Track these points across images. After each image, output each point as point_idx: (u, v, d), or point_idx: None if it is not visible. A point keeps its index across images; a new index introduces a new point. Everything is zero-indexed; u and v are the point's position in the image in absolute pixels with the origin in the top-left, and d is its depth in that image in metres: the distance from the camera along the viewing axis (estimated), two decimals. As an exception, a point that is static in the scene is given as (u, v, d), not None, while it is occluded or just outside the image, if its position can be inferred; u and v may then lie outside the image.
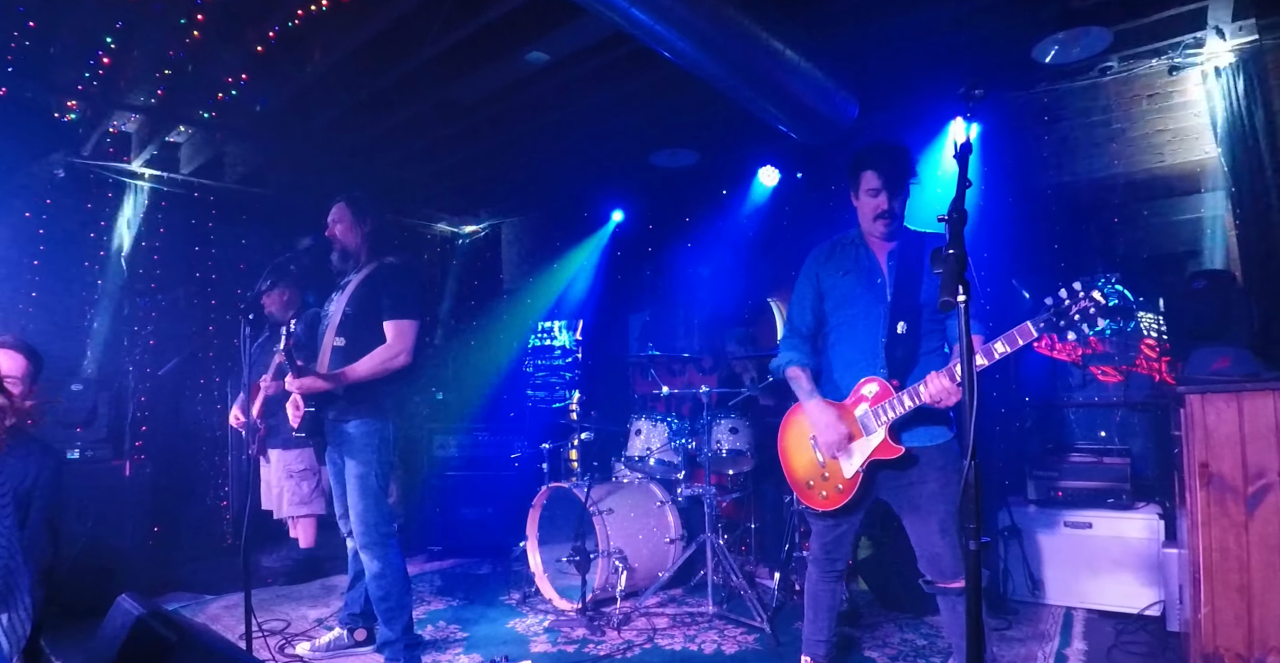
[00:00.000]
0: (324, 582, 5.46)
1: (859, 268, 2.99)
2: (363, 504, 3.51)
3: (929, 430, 2.83)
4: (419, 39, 4.38)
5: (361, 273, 3.64)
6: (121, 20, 4.09)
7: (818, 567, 3.12)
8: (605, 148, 6.23)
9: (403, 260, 3.73)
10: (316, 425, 3.57)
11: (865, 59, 4.80)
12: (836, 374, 3.00)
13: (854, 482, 2.85)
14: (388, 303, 3.53)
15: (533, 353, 7.37)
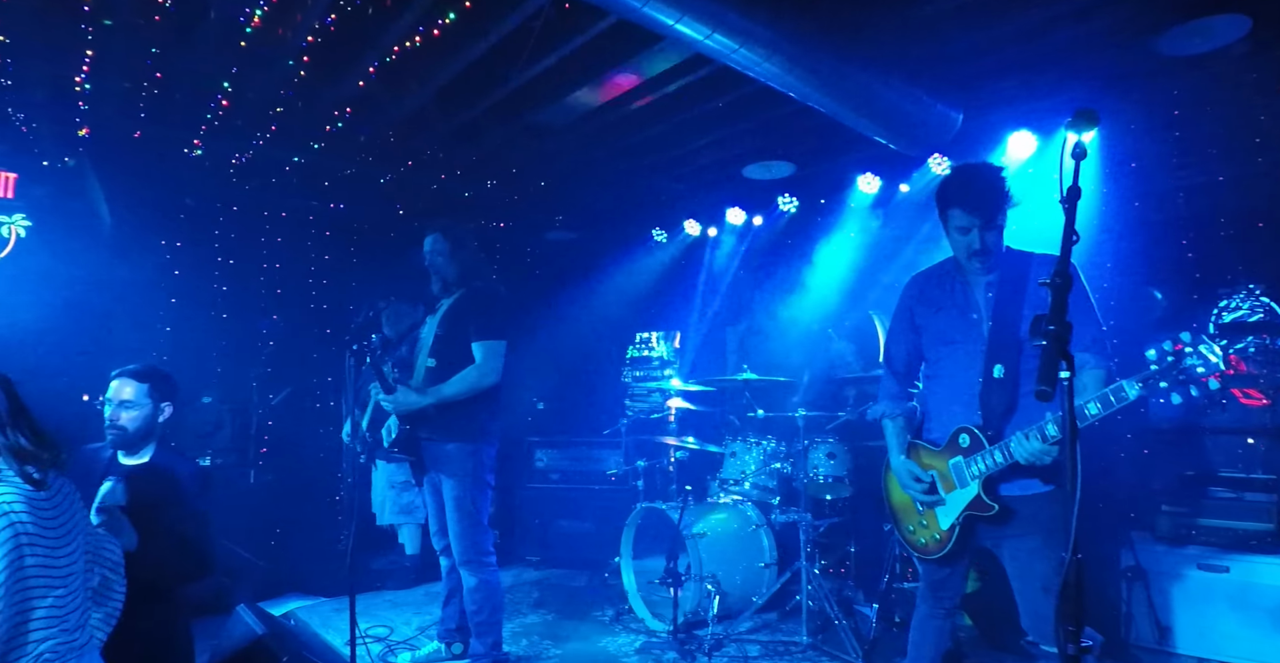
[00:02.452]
0: (428, 589, 5.66)
1: (954, 303, 2.79)
2: (461, 525, 3.64)
3: (1030, 480, 2.63)
4: (509, 68, 4.45)
5: (454, 296, 3.80)
6: (235, 65, 4.34)
7: (925, 603, 2.97)
8: (696, 162, 6.18)
9: (490, 284, 3.85)
10: (411, 443, 3.73)
11: (969, 64, 4.53)
12: (933, 417, 2.85)
13: (950, 533, 2.70)
14: (476, 325, 3.66)
15: (631, 364, 7.40)
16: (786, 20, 3.60)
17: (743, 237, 6.98)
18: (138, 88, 4.61)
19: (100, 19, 3.96)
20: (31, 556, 1.94)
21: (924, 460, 2.80)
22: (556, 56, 4.35)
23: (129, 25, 4.01)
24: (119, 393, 3.02)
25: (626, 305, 7.62)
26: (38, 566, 1.96)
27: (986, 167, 2.69)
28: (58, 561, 2.03)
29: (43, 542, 1.98)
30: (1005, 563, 2.71)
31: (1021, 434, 2.44)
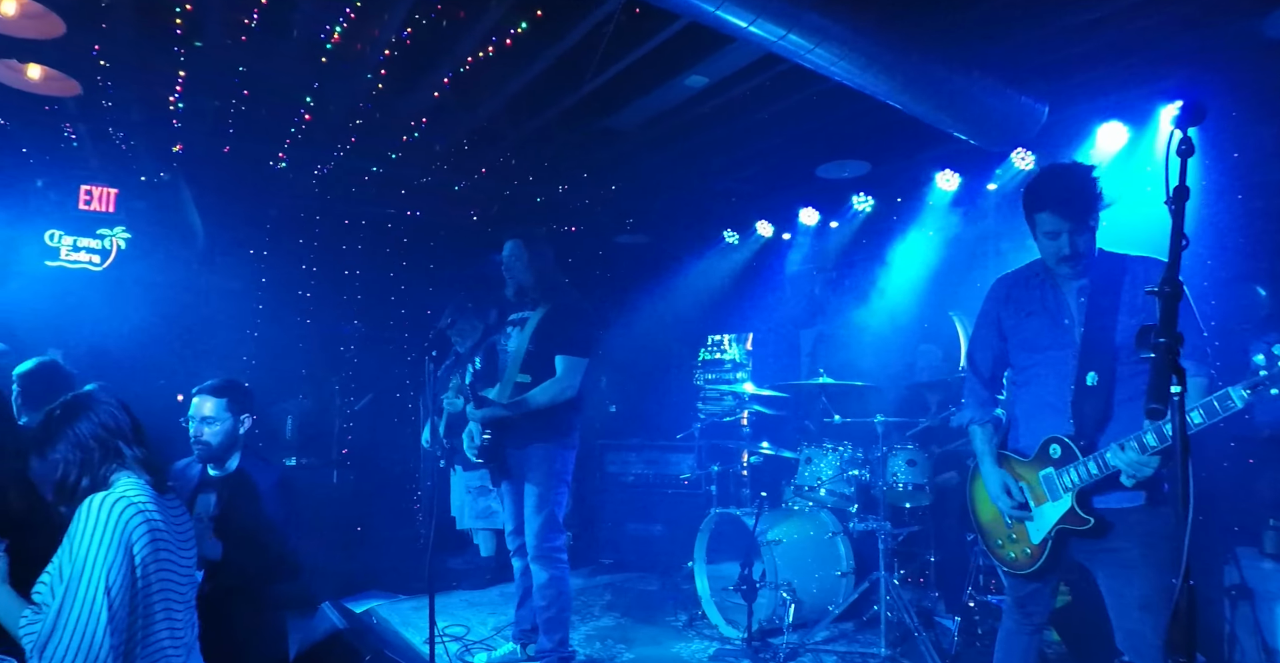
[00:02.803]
0: (502, 589, 5.74)
1: (1044, 308, 2.66)
2: (538, 522, 3.75)
3: (1127, 493, 2.49)
4: (579, 75, 4.48)
5: (540, 312, 3.86)
6: (317, 81, 4.49)
7: (1012, 618, 2.85)
8: (767, 162, 6.10)
9: (577, 301, 3.94)
10: (494, 452, 3.87)
11: (1054, 53, 4.33)
12: (1022, 425, 2.73)
13: (1042, 548, 2.58)
14: (561, 340, 3.78)
15: (703, 366, 7.36)
16: (863, 17, 3.51)
17: (816, 237, 6.86)
18: (226, 105, 4.82)
19: (191, 41, 4.14)
20: (164, 550, 2.07)
21: (1014, 471, 2.69)
22: (627, 61, 4.34)
23: (218, 46, 4.19)
24: (200, 410, 3.13)
25: (698, 308, 7.58)
26: (168, 561, 2.08)
27: (1075, 167, 2.55)
28: (181, 561, 2.16)
29: (170, 541, 2.10)
30: (1099, 578, 2.57)
31: (1117, 445, 2.32)
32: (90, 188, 5.64)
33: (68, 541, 1.96)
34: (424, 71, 4.51)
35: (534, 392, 3.72)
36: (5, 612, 2.01)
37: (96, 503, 1.98)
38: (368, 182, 6.06)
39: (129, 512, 1.99)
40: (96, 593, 1.88)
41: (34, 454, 2.12)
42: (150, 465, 2.18)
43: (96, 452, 2.11)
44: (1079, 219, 2.46)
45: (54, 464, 2.08)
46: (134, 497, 2.04)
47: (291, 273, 6.39)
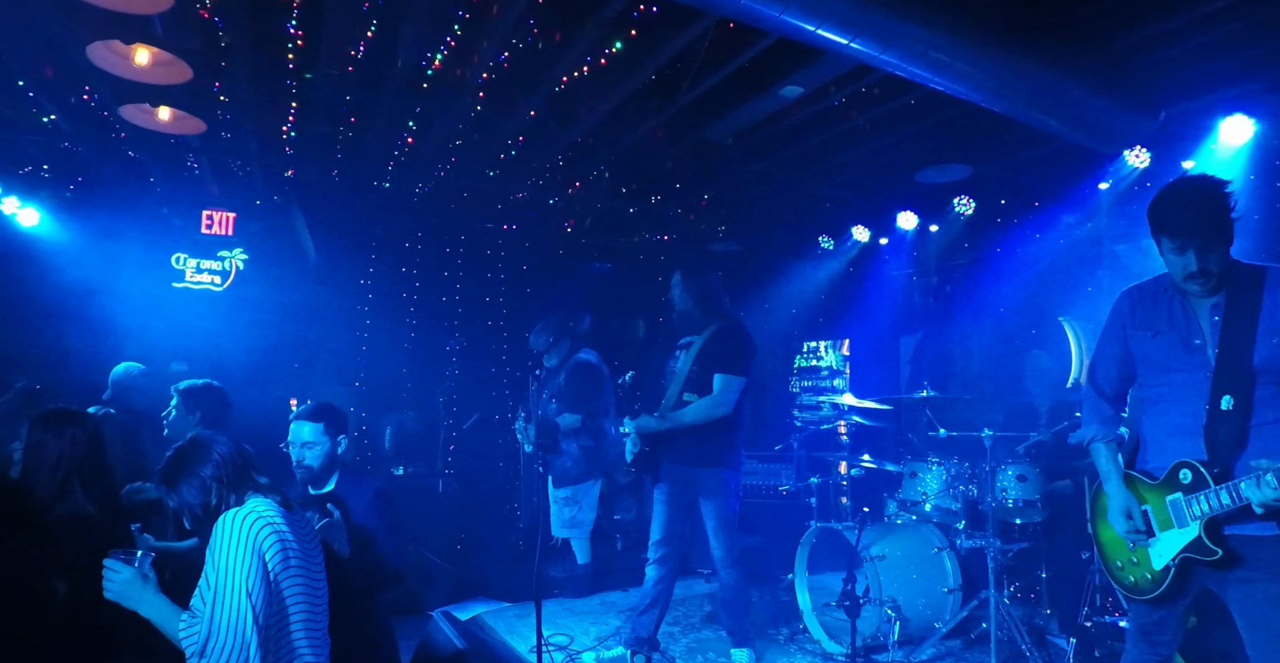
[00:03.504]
0: (602, 598, 5.79)
1: (1172, 327, 2.50)
2: (725, 535, 4.08)
3: (1265, 523, 2.32)
4: (673, 90, 4.49)
5: (704, 335, 4.12)
6: (419, 105, 4.65)
7: (1136, 647, 2.69)
8: (863, 168, 5.98)
9: (738, 326, 4.18)
10: (649, 462, 4.13)
11: (1170, 47, 4.08)
12: (1150, 447, 2.58)
13: (1164, 574, 2.44)
14: (719, 359, 4.01)
15: (799, 373, 7.26)
16: (964, 27, 3.39)
17: (915, 241, 6.67)
18: (334, 131, 5.03)
19: (302, 74, 4.34)
20: (295, 559, 2.23)
21: (1139, 494, 2.55)
22: (721, 75, 4.33)
23: (326, 77, 4.38)
24: (299, 435, 3.23)
25: (793, 314, 7.49)
26: (299, 569, 2.25)
27: (1201, 182, 2.37)
28: (312, 573, 2.32)
29: (299, 551, 2.27)
30: (1233, 609, 2.40)
31: (1253, 478, 2.16)
32: (211, 213, 6.02)
33: (210, 554, 2.14)
34: (521, 92, 4.61)
35: (689, 409, 3.98)
36: (165, 619, 2.19)
37: (230, 518, 2.17)
38: (466, 198, 6.23)
39: (259, 524, 2.17)
40: (240, 597, 2.08)
41: (167, 488, 2.29)
42: (275, 489, 2.37)
43: (236, 474, 2.30)
44: (1206, 238, 2.31)
45: (203, 485, 2.26)
46: (263, 511, 2.22)
47: (396, 289, 6.65)
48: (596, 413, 5.52)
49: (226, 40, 3.89)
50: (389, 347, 6.55)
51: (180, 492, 2.27)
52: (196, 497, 2.26)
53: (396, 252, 6.66)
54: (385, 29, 3.91)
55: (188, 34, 3.48)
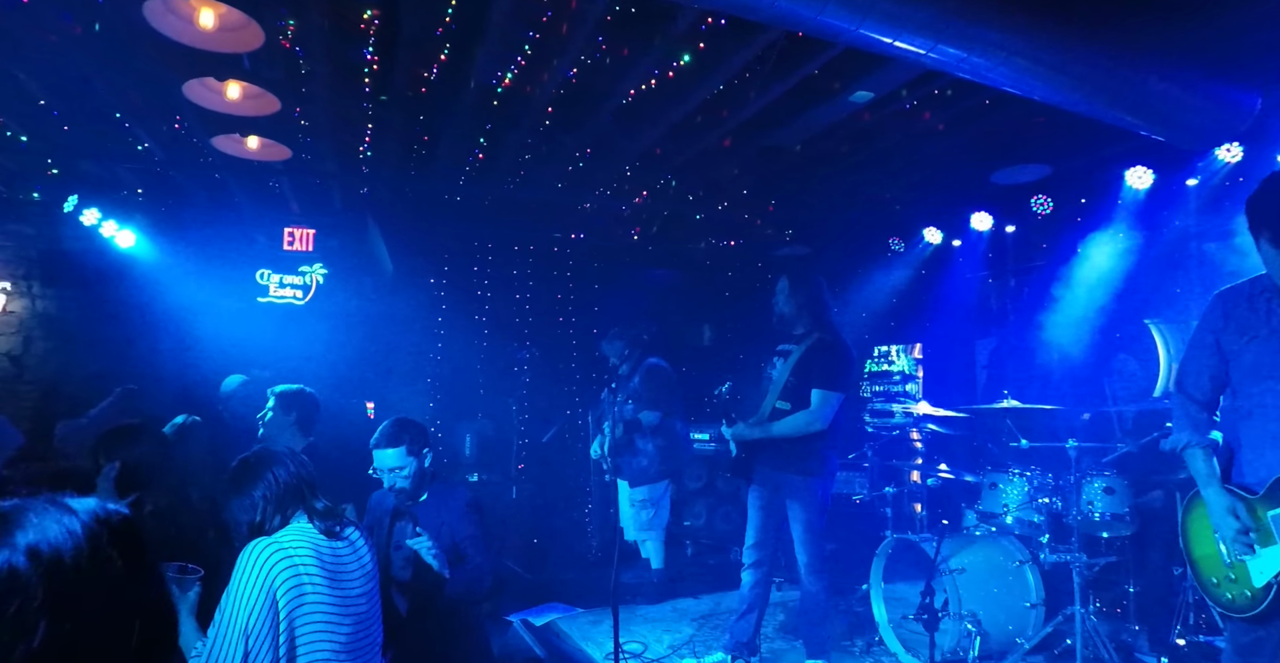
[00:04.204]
0: (674, 604, 5.81)
1: (1272, 332, 2.38)
2: (811, 542, 4.10)
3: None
4: (741, 100, 4.47)
5: (804, 345, 4.10)
6: (489, 123, 4.74)
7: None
8: (935, 169, 5.84)
9: (838, 338, 4.13)
10: (743, 468, 4.19)
11: (1266, 32, 3.86)
12: (1246, 457, 2.46)
13: (1266, 591, 2.33)
14: (818, 373, 4.00)
15: (870, 378, 7.15)
16: (1044, 29, 3.29)
17: (990, 243, 6.49)
18: (408, 149, 5.17)
19: (378, 96, 4.47)
20: (314, 594, 2.17)
21: None
22: (790, 83, 4.29)
23: (400, 99, 4.50)
24: (385, 462, 3.26)
25: (863, 319, 7.37)
26: (319, 605, 2.18)
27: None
28: (345, 602, 2.26)
29: (323, 586, 2.20)
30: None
31: None
32: (292, 230, 6.26)
33: (228, 585, 2.11)
34: (589, 107, 4.65)
35: (785, 421, 3.99)
36: (187, 644, 2.18)
37: (250, 551, 2.12)
38: (535, 209, 6.32)
39: (275, 557, 2.11)
40: (236, 635, 2.02)
41: (233, 493, 2.30)
42: (328, 514, 2.33)
43: (288, 495, 2.28)
44: None
45: (251, 504, 2.26)
46: (287, 544, 2.16)
47: (468, 299, 6.79)
48: (672, 413, 5.57)
49: (307, 68, 4.03)
50: (462, 355, 6.70)
51: (231, 507, 2.28)
52: (244, 514, 2.26)
53: (468, 263, 6.82)
54: (458, 51, 3.99)
55: (273, 66, 3.63)
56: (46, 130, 5.03)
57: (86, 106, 4.62)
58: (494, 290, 6.90)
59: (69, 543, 0.91)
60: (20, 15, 3.55)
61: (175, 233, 6.37)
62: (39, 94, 4.48)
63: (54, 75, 4.23)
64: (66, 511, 0.94)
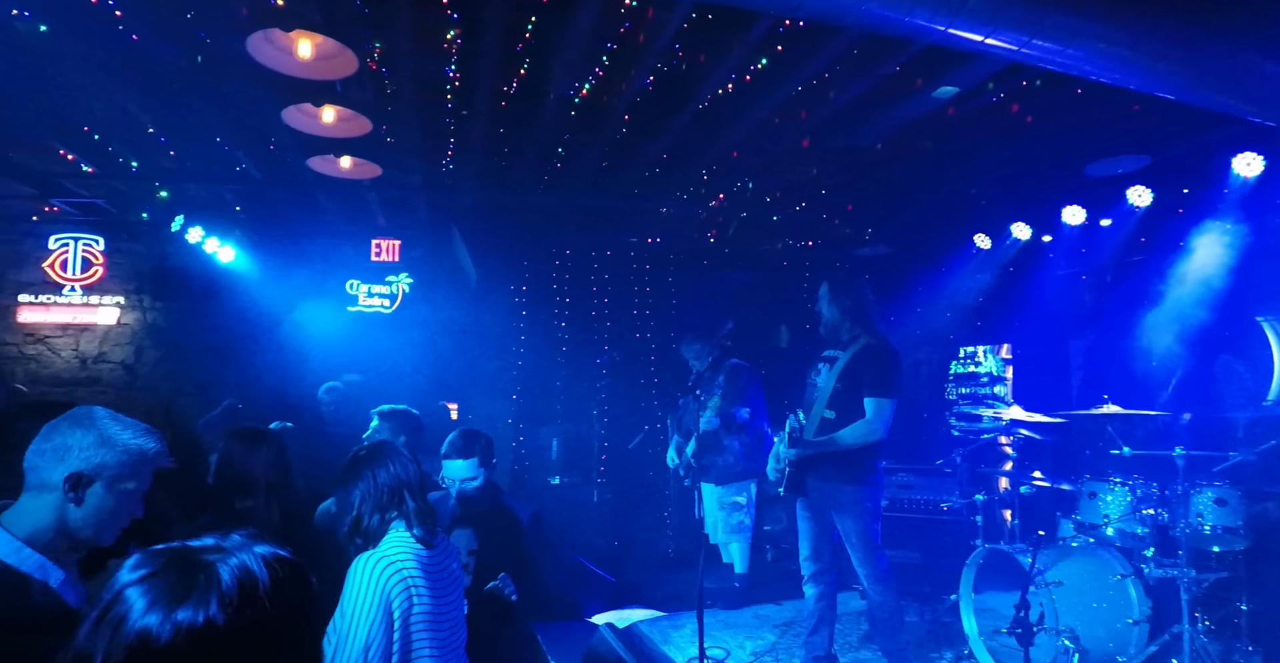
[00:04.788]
0: (756, 611, 5.77)
1: None
2: (865, 553, 3.99)
3: None
4: (820, 100, 4.41)
5: (849, 352, 4.01)
6: (567, 133, 4.80)
7: None
8: (1022, 162, 5.61)
9: (884, 342, 4.03)
10: (797, 482, 4.07)
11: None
12: None
13: None
14: (869, 381, 3.90)
15: (955, 380, 6.95)
16: (1146, 15, 3.12)
17: (1083, 237, 6.21)
18: (488, 161, 5.28)
19: (460, 111, 4.58)
20: (422, 603, 2.27)
21: None
22: (870, 82, 4.21)
23: (482, 112, 4.60)
24: (456, 473, 3.31)
25: (947, 318, 7.16)
26: (424, 612, 2.28)
27: None
28: (443, 607, 2.36)
29: (427, 595, 2.30)
30: None
31: None
32: (379, 242, 6.51)
33: (341, 599, 2.20)
34: (665, 114, 4.66)
35: (845, 432, 3.87)
36: None
37: (362, 564, 2.22)
38: (612, 215, 6.38)
39: (388, 571, 2.21)
40: (358, 650, 2.12)
41: (339, 490, 2.41)
42: (425, 517, 2.41)
43: (386, 496, 2.36)
44: None
45: (353, 501, 2.36)
46: (394, 556, 2.26)
47: (547, 305, 6.91)
48: (758, 412, 5.54)
49: (392, 88, 4.16)
50: (543, 360, 6.82)
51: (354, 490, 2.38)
52: (344, 512, 2.36)
53: (547, 269, 6.93)
54: (537, 65, 4.06)
55: (363, 88, 3.77)
56: (155, 156, 5.36)
57: (191, 133, 4.91)
58: (572, 296, 6.99)
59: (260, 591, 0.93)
60: (130, 52, 3.78)
61: (271, 247, 6.72)
62: (148, 122, 4.77)
63: (161, 105, 4.50)
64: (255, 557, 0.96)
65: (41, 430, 1.57)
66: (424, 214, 6.29)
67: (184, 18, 3.54)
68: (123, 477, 1.58)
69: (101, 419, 1.60)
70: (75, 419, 1.58)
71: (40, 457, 1.54)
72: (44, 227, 6.95)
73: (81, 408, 1.63)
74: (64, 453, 1.53)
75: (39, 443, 1.55)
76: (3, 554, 1.48)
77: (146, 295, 7.06)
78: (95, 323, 7.02)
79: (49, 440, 1.55)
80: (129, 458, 1.59)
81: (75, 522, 1.54)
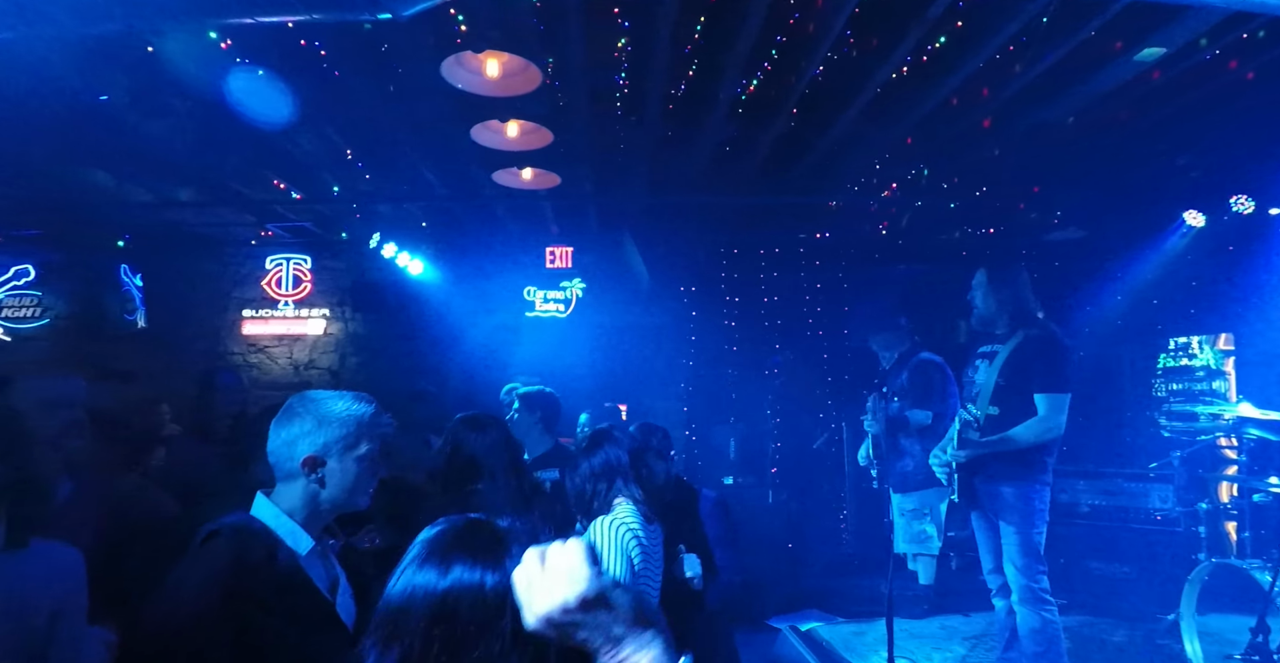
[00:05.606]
0: (942, 622, 5.50)
1: None
2: (1022, 562, 3.62)
3: None
4: (1005, 76, 4.14)
5: (1010, 346, 3.74)
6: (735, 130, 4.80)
7: None
8: (1244, 128, 4.97)
9: (1049, 331, 3.74)
10: (968, 488, 3.82)
11: None
12: None
13: None
14: (1040, 375, 3.62)
15: (1164, 375, 6.30)
16: None
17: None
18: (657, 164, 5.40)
19: (629, 116, 4.68)
20: (647, 566, 2.51)
21: None
22: (1061, 51, 3.89)
23: (651, 117, 4.66)
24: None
25: (1154, 307, 6.50)
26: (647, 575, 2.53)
27: None
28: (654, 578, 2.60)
29: (650, 560, 2.54)
30: None
31: None
32: (553, 249, 6.80)
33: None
34: (836, 104, 4.53)
35: (1019, 430, 3.60)
36: None
37: (604, 525, 2.48)
38: (780, 212, 6.30)
39: (627, 534, 2.45)
40: None
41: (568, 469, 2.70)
42: (644, 501, 2.66)
43: (604, 479, 2.64)
44: None
45: (580, 480, 2.66)
46: (628, 520, 2.50)
47: (716, 305, 6.94)
48: (945, 414, 5.19)
49: (564, 100, 4.30)
50: (714, 360, 6.85)
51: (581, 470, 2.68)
52: (575, 487, 2.66)
53: (715, 269, 6.97)
54: (705, 66, 4.06)
55: (540, 101, 3.93)
56: (353, 179, 5.85)
57: (384, 156, 5.32)
58: (742, 295, 6.97)
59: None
60: (332, 86, 4.15)
61: (455, 259, 7.21)
62: (346, 148, 5.22)
63: (357, 132, 4.90)
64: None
65: (270, 428, 1.75)
66: (594, 220, 6.49)
67: (379, 50, 3.84)
68: (351, 446, 1.72)
69: (312, 402, 1.75)
70: (291, 411, 1.74)
71: (276, 453, 1.72)
72: (261, 249, 7.82)
73: (294, 396, 1.79)
74: (292, 444, 1.70)
75: (271, 441, 1.74)
76: (265, 517, 1.68)
77: (348, 307, 7.78)
78: (305, 333, 7.83)
79: (278, 436, 1.73)
80: (349, 428, 1.72)
81: (325, 498, 1.72)
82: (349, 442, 1.72)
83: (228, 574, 1.54)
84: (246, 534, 1.62)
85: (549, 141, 4.02)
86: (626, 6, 3.58)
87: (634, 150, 5.12)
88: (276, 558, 1.62)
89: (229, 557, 1.56)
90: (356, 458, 1.73)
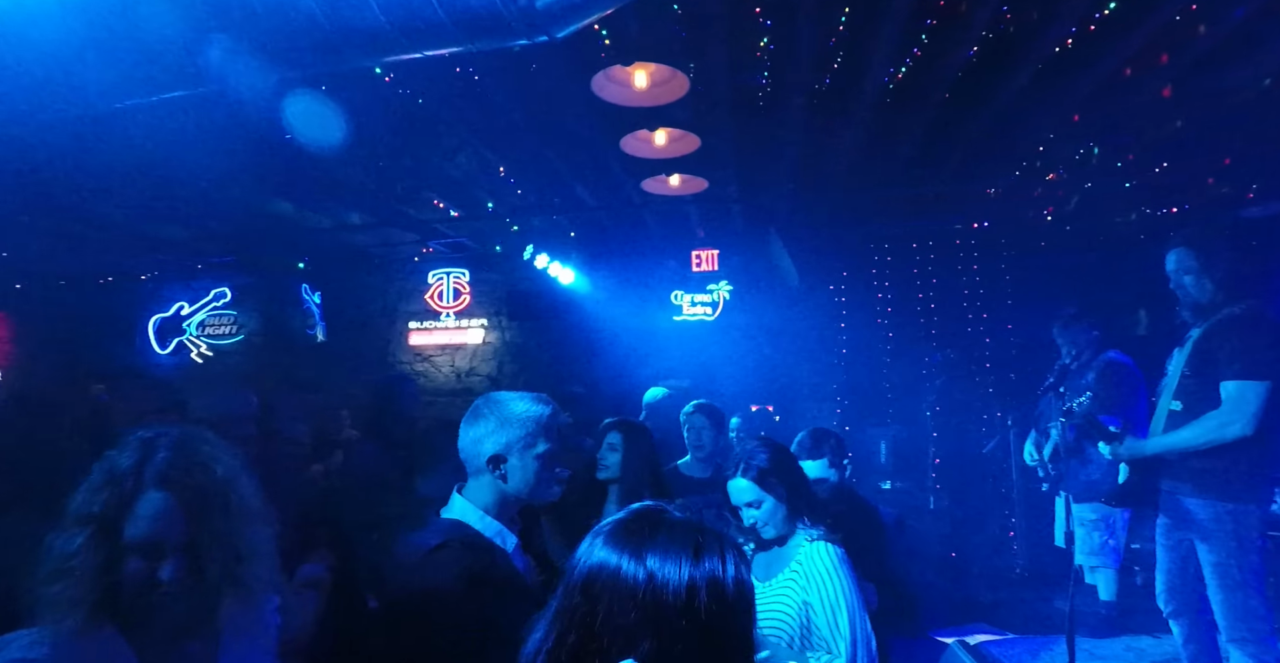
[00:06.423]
0: (1128, 643, 5.01)
1: None
2: (1223, 594, 3.05)
3: None
4: (1187, 38, 3.80)
5: (1205, 326, 3.15)
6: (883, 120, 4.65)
7: None
8: None
9: (1251, 307, 3.07)
10: (1140, 493, 3.40)
11: None
12: None
13: None
14: (1228, 358, 2.98)
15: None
16: None
17: None
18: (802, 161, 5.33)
19: (773, 114, 4.63)
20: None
21: None
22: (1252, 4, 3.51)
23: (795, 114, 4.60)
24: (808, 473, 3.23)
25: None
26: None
27: None
28: None
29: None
30: None
31: None
32: (699, 252, 6.85)
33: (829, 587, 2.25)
34: (991, 85, 4.29)
35: (1186, 429, 3.05)
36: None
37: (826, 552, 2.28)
38: (931, 201, 6.05)
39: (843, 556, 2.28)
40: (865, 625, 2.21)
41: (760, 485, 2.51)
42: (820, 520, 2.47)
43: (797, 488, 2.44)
44: None
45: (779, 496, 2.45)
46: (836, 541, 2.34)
47: (868, 302, 6.75)
48: (1134, 420, 4.72)
49: (709, 104, 4.31)
50: (867, 360, 6.65)
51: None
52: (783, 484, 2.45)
53: (865, 265, 6.78)
54: (850, 57, 3.96)
55: (684, 107, 3.96)
56: (506, 195, 6.14)
57: (534, 170, 5.54)
58: (894, 291, 6.74)
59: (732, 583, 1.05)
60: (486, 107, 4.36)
61: (603, 267, 7.44)
62: (499, 165, 5.47)
63: (509, 149, 5.13)
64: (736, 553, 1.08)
65: (460, 428, 1.87)
66: (739, 222, 6.47)
67: (528, 70, 4.00)
68: (530, 444, 1.82)
69: (496, 404, 1.85)
70: (477, 412, 1.86)
71: (466, 450, 1.85)
72: (424, 265, 8.37)
73: (480, 398, 1.90)
74: (479, 442, 1.82)
75: (461, 439, 1.86)
76: (472, 521, 1.80)
77: (504, 317, 8.19)
78: (465, 343, 8.30)
79: (466, 435, 1.85)
80: (527, 428, 1.82)
81: (511, 492, 1.83)
82: (528, 441, 1.81)
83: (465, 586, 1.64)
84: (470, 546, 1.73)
85: (696, 147, 4.03)
86: (768, 5, 3.53)
87: (779, 148, 5.06)
88: (498, 565, 1.73)
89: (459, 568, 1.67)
90: (535, 455, 1.82)
